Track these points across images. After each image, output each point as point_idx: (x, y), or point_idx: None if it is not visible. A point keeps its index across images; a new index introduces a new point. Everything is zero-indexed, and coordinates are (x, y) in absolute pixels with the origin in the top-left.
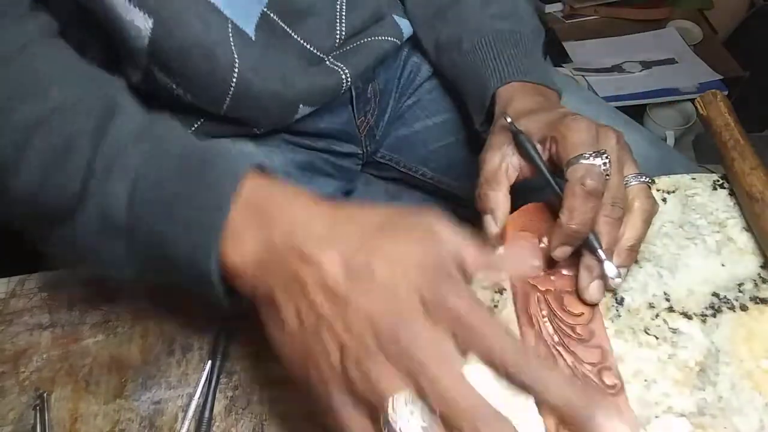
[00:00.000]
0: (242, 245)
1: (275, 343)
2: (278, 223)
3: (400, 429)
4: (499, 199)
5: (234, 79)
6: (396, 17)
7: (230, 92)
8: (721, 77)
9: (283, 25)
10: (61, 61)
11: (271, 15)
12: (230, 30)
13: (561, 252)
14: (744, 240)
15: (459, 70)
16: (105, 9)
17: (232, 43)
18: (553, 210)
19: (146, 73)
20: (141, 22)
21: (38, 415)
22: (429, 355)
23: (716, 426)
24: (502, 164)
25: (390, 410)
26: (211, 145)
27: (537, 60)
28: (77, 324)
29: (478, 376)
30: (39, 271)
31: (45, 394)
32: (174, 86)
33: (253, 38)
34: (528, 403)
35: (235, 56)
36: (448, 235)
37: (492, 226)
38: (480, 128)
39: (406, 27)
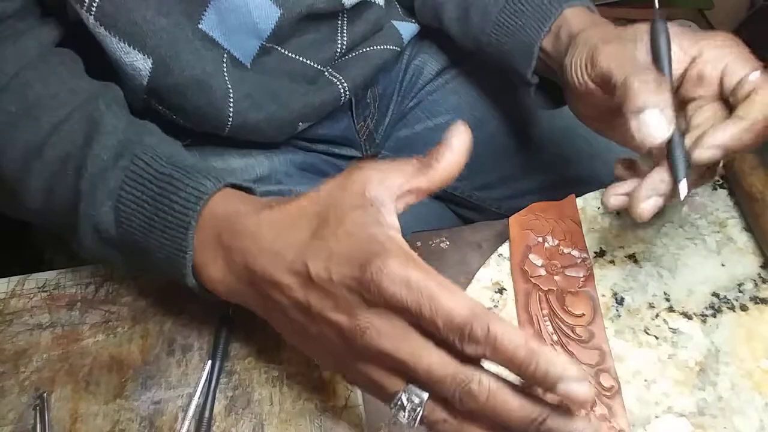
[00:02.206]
0: (208, 270)
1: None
2: (233, 245)
3: (408, 415)
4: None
5: (231, 109)
6: (395, 23)
7: (229, 122)
8: None
9: (281, 49)
10: (52, 82)
11: (269, 45)
12: (225, 60)
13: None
14: (744, 240)
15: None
16: (105, 50)
17: (225, 74)
18: (559, 209)
19: (146, 104)
20: (141, 64)
21: (38, 415)
22: (393, 347)
23: (716, 426)
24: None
25: (396, 405)
26: (180, 162)
27: None
28: (77, 324)
29: None
30: (39, 271)
31: (45, 394)
32: (174, 117)
33: (249, 66)
34: None
35: (229, 86)
36: (373, 180)
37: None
38: (530, 79)
39: (405, 31)
